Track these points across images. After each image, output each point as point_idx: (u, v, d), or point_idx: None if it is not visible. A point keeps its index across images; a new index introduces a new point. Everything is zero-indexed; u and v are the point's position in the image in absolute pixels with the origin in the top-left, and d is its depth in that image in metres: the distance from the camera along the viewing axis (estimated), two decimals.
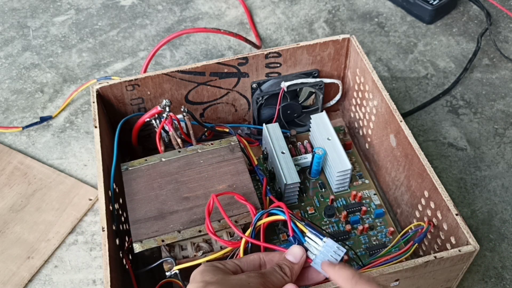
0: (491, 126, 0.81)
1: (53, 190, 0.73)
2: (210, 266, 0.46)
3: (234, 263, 0.47)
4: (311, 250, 0.49)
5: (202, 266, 0.46)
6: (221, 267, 0.46)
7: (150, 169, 0.61)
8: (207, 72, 0.68)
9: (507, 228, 0.70)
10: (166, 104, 0.62)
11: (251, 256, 0.49)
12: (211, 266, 0.46)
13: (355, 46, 0.69)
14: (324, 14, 0.99)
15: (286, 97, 0.72)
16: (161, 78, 0.66)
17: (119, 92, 0.66)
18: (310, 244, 0.49)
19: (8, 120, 0.83)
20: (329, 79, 0.73)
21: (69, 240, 0.69)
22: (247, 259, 0.49)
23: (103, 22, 0.98)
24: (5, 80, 0.88)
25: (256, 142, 0.75)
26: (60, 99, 0.85)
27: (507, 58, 0.90)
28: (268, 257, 0.49)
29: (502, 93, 0.86)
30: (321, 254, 0.48)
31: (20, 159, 0.77)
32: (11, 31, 0.97)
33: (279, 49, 0.69)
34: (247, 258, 0.49)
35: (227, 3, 1.01)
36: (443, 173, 0.75)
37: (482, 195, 0.73)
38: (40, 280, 0.66)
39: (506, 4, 1.00)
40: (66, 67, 0.90)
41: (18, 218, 0.70)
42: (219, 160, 0.62)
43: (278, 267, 0.47)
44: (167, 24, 0.98)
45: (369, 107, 0.69)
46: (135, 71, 0.90)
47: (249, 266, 0.48)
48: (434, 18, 0.96)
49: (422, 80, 0.88)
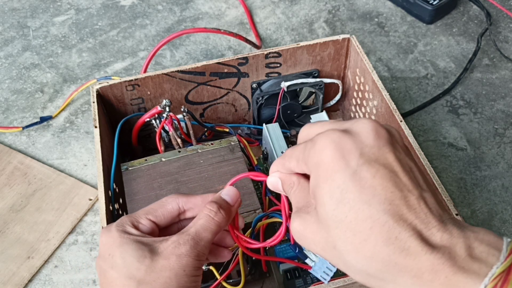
0: (491, 126, 0.81)
1: (53, 190, 0.73)
2: (125, 239, 0.40)
3: (148, 221, 0.42)
4: (310, 256, 0.49)
5: (115, 237, 0.40)
6: (136, 234, 0.40)
7: (150, 169, 0.61)
8: (207, 72, 0.68)
9: (507, 228, 0.70)
10: (166, 104, 0.62)
11: (168, 206, 0.43)
12: (126, 238, 0.40)
13: (355, 46, 0.69)
14: (324, 14, 0.99)
15: (286, 97, 0.72)
16: (161, 78, 0.66)
17: (119, 92, 0.66)
18: (310, 252, 0.49)
19: (8, 120, 0.83)
20: (329, 79, 0.73)
21: (69, 240, 0.69)
22: (163, 210, 0.43)
23: (103, 22, 0.98)
24: (5, 80, 0.88)
25: (256, 142, 0.75)
26: (60, 99, 0.85)
27: (507, 58, 0.90)
28: (189, 204, 0.44)
29: (502, 93, 0.86)
30: (320, 261, 0.48)
31: (20, 159, 0.77)
32: (11, 31, 0.97)
33: (279, 49, 0.69)
34: (163, 210, 0.43)
35: (227, 3, 1.01)
36: (443, 173, 0.75)
37: (482, 195, 0.73)
38: (40, 280, 0.66)
39: (506, 4, 1.00)
40: (66, 67, 0.90)
41: (18, 218, 0.70)
42: (219, 160, 0.62)
43: (211, 211, 0.42)
44: (167, 24, 0.98)
45: (369, 107, 0.69)
46: (135, 71, 0.90)
47: (166, 220, 0.43)
48: (434, 18, 0.96)
49: (422, 80, 0.88)
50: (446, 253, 0.30)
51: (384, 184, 0.32)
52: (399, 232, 0.31)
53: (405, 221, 0.31)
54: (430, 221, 0.31)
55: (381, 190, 0.32)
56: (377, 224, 0.31)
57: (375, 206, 0.31)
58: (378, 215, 0.31)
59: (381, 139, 0.33)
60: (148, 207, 0.43)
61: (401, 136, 0.36)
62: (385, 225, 0.31)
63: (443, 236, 0.31)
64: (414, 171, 0.34)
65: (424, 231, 0.31)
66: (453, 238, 0.31)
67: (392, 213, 0.31)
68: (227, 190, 0.44)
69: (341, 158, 0.33)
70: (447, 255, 0.30)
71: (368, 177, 0.32)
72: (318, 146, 0.34)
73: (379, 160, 0.33)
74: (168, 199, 0.44)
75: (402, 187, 0.32)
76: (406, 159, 0.34)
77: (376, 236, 0.31)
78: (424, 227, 0.31)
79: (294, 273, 0.59)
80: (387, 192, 0.32)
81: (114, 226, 0.41)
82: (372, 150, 0.33)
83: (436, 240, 0.31)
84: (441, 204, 0.34)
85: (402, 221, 0.31)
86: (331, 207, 0.33)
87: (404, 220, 0.31)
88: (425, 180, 0.34)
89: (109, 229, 0.41)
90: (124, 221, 0.42)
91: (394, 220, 0.31)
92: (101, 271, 0.40)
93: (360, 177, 0.32)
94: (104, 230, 0.42)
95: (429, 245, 0.31)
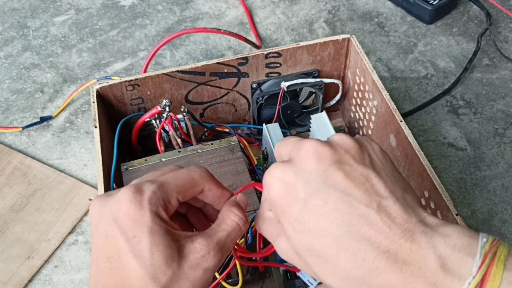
0: (491, 126, 0.81)
1: (53, 190, 0.73)
2: (157, 226, 0.34)
3: (177, 202, 0.37)
4: None
5: (146, 218, 0.34)
6: (167, 221, 0.35)
7: (150, 169, 0.61)
8: (207, 72, 0.68)
9: (507, 228, 0.70)
10: (166, 104, 0.62)
11: (197, 188, 0.38)
12: (158, 226, 0.34)
13: (355, 46, 0.69)
14: (324, 14, 0.99)
15: (286, 97, 0.72)
16: (161, 78, 0.66)
17: (119, 92, 0.66)
18: None
19: (8, 120, 0.83)
20: (329, 79, 0.73)
21: (69, 240, 0.69)
22: (192, 192, 0.38)
23: (103, 22, 0.98)
24: (5, 80, 0.88)
25: (256, 142, 0.75)
26: (60, 99, 0.85)
27: (507, 58, 0.90)
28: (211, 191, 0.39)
29: (502, 93, 0.86)
30: None
31: (20, 159, 0.77)
32: (11, 31, 0.97)
33: (279, 49, 0.69)
34: (193, 191, 0.38)
35: (227, 3, 1.01)
36: (443, 173, 0.75)
37: (482, 195, 0.73)
38: (40, 280, 0.66)
39: (506, 4, 1.00)
40: (66, 67, 0.90)
41: (18, 218, 0.70)
42: (219, 160, 0.62)
43: (240, 220, 0.38)
44: (167, 24, 0.98)
45: (369, 107, 0.69)
46: (135, 71, 0.90)
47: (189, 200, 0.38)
48: (434, 18, 0.96)
49: (422, 80, 0.88)
50: (416, 268, 0.29)
51: (338, 207, 0.31)
52: (365, 253, 0.30)
53: (368, 240, 0.30)
54: (395, 233, 0.30)
55: (336, 214, 0.31)
56: (342, 249, 0.30)
57: (335, 231, 0.31)
58: (340, 239, 0.30)
59: (324, 161, 0.32)
60: (180, 183, 0.37)
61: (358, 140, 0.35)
62: (349, 248, 0.30)
63: (412, 247, 0.29)
64: (371, 178, 0.32)
65: (391, 246, 0.30)
66: (421, 249, 0.29)
67: (353, 235, 0.30)
68: (241, 197, 0.41)
69: (289, 193, 0.33)
70: (417, 271, 0.29)
71: (320, 204, 0.31)
72: (266, 186, 0.34)
73: (327, 183, 0.32)
74: (200, 179, 0.38)
75: (358, 205, 0.31)
76: (359, 169, 0.32)
77: (345, 260, 0.30)
78: (389, 242, 0.30)
79: (294, 273, 0.59)
80: (343, 214, 0.31)
81: (147, 203, 0.34)
82: (317, 176, 0.32)
83: (405, 254, 0.29)
84: (409, 200, 0.32)
85: (365, 241, 0.30)
86: (297, 238, 0.33)
87: (367, 239, 0.30)
88: (390, 180, 0.33)
89: (140, 202, 0.34)
90: (158, 197, 0.35)
91: (357, 241, 0.30)
92: (114, 245, 0.34)
93: (313, 206, 0.31)
94: (132, 198, 0.34)
95: (398, 261, 0.29)
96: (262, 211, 0.39)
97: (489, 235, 0.30)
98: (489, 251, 0.29)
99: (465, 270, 0.28)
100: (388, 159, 0.35)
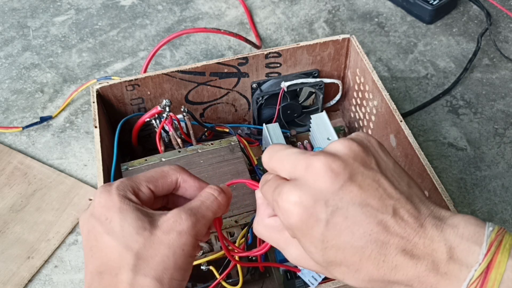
0: (491, 126, 0.81)
1: (53, 190, 0.73)
2: (125, 205, 0.37)
3: (148, 190, 0.40)
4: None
5: (114, 201, 0.37)
6: (137, 202, 0.38)
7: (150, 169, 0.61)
8: (207, 72, 0.68)
9: (507, 228, 0.70)
10: (166, 104, 0.62)
11: (169, 179, 0.41)
12: (126, 205, 0.37)
13: (355, 46, 0.69)
14: (324, 14, 0.99)
15: (286, 97, 0.72)
16: (161, 78, 0.66)
17: (119, 92, 0.66)
18: None
19: (8, 120, 0.83)
20: (329, 79, 0.73)
21: (69, 240, 0.69)
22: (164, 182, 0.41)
23: (103, 22, 0.98)
24: (5, 80, 0.88)
25: (256, 142, 0.75)
26: (60, 99, 0.85)
27: (507, 58, 0.90)
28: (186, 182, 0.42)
29: (502, 93, 0.86)
30: None
31: (20, 159, 0.77)
32: (11, 31, 0.97)
33: (279, 49, 0.69)
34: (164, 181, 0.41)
35: (227, 3, 1.01)
36: (443, 173, 0.75)
37: (482, 195, 0.73)
38: (40, 280, 0.66)
39: (506, 4, 1.00)
40: (66, 67, 0.90)
41: (18, 218, 0.70)
42: (219, 160, 0.62)
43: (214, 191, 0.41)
44: (167, 24, 0.98)
45: (369, 107, 0.69)
46: (135, 71, 0.90)
47: (163, 192, 0.41)
48: (434, 18, 0.96)
49: (422, 80, 0.88)
50: (430, 261, 0.31)
51: (358, 220, 0.32)
52: (385, 256, 0.32)
53: (387, 244, 0.32)
54: (409, 234, 0.32)
55: (358, 227, 0.32)
56: (365, 256, 0.33)
57: (357, 243, 0.33)
58: (362, 249, 0.32)
59: (338, 178, 0.33)
60: (149, 174, 0.41)
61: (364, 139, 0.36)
62: (371, 254, 0.32)
63: (425, 243, 0.32)
64: (381, 182, 0.34)
65: (407, 245, 0.32)
66: (434, 243, 0.32)
67: (374, 242, 0.32)
68: (223, 186, 0.43)
69: (310, 216, 0.33)
70: (431, 264, 0.31)
71: (341, 221, 0.33)
72: (284, 213, 0.34)
73: (344, 199, 0.33)
74: (170, 170, 0.41)
75: (375, 213, 0.33)
76: (370, 175, 0.34)
77: (367, 265, 0.33)
78: (405, 242, 0.32)
79: (294, 273, 0.59)
80: (364, 225, 0.32)
81: (115, 189, 0.38)
82: (334, 194, 0.33)
83: (419, 250, 0.32)
84: (416, 193, 0.34)
85: (384, 245, 0.32)
86: (319, 254, 0.34)
87: (386, 243, 0.32)
88: (395, 178, 0.34)
89: (109, 190, 0.38)
90: (125, 184, 0.39)
91: (378, 247, 0.32)
92: (93, 234, 0.37)
93: (334, 224, 0.33)
94: (102, 190, 0.39)
95: (413, 257, 0.32)
96: (261, 218, 0.40)
97: (495, 225, 0.32)
98: (494, 239, 0.31)
99: (472, 258, 0.31)
100: (387, 153, 0.37)
